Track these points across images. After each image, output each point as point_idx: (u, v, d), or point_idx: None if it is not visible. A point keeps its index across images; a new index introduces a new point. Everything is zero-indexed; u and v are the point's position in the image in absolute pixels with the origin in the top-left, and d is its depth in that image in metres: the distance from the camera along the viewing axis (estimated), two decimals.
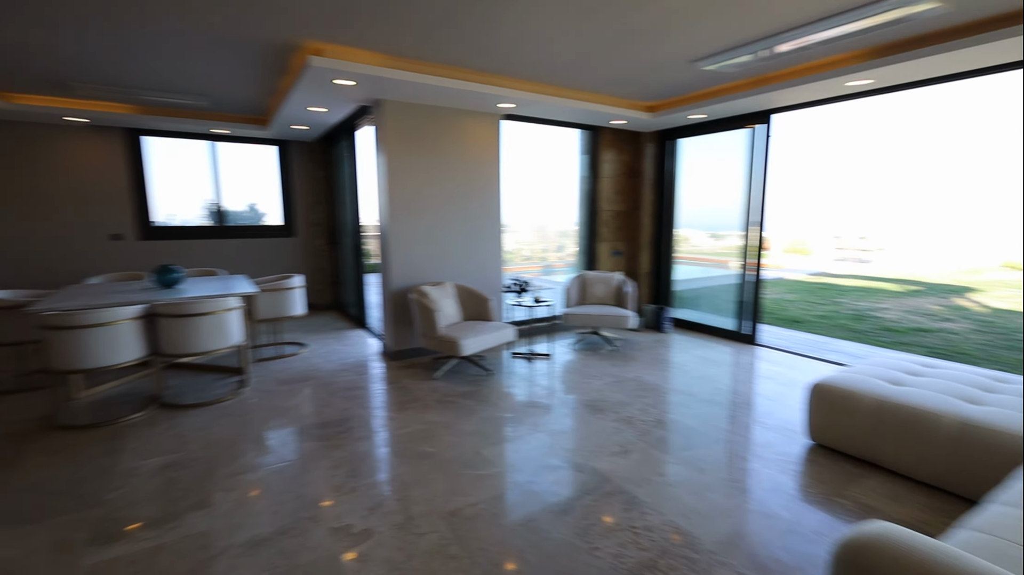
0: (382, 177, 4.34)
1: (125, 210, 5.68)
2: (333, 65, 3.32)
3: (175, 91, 4.43)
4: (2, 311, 3.53)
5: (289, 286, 4.56)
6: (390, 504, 2.29)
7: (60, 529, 2.11)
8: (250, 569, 1.87)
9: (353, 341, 5.21)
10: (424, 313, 3.96)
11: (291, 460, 2.70)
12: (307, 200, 6.71)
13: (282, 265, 6.60)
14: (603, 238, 5.94)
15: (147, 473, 2.57)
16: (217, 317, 3.42)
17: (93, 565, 1.89)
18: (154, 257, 5.82)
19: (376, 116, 4.34)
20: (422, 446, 2.87)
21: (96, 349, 3.02)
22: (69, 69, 3.79)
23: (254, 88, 4.37)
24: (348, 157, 5.72)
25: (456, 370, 4.21)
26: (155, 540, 2.03)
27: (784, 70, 3.86)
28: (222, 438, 2.96)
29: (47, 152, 5.28)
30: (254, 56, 3.50)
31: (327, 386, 3.86)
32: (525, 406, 3.49)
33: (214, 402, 3.50)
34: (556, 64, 3.71)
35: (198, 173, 6.18)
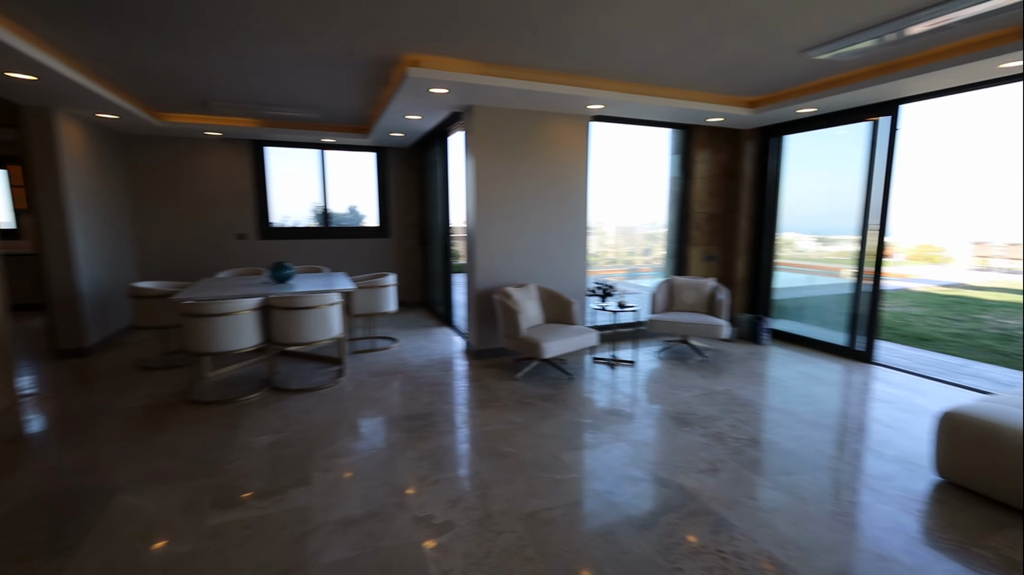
0: (470, 180, 4.48)
1: (249, 212, 6.41)
2: (428, 75, 3.48)
3: (292, 105, 4.90)
4: (152, 299, 4.13)
5: (383, 284, 4.85)
6: (470, 499, 2.34)
7: (190, 491, 2.41)
8: (341, 547, 2.01)
9: (439, 338, 5.43)
10: (507, 314, 4.02)
11: (380, 448, 2.87)
12: (401, 203, 7.10)
13: (377, 264, 7.05)
14: (695, 242, 5.64)
15: (258, 448, 2.86)
16: (321, 311, 3.73)
17: (214, 525, 2.15)
18: (270, 254, 6.50)
19: (466, 122, 4.48)
20: (502, 445, 2.91)
21: (222, 335, 3.43)
22: (209, 90, 4.35)
23: (359, 100, 4.71)
24: (439, 162, 5.97)
25: (537, 372, 4.22)
26: (263, 510, 2.26)
27: (916, 54, 3.41)
28: (321, 422, 3.22)
29: (189, 162, 6.10)
30: (360, 70, 3.77)
31: (414, 380, 4.05)
32: (606, 413, 3.40)
33: (315, 389, 3.82)
34: (649, 62, 3.58)
35: (308, 179, 6.80)
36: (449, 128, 5.35)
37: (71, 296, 4.61)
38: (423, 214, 7.09)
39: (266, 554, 1.96)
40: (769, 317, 5.43)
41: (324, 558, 1.94)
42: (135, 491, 2.41)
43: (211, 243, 6.27)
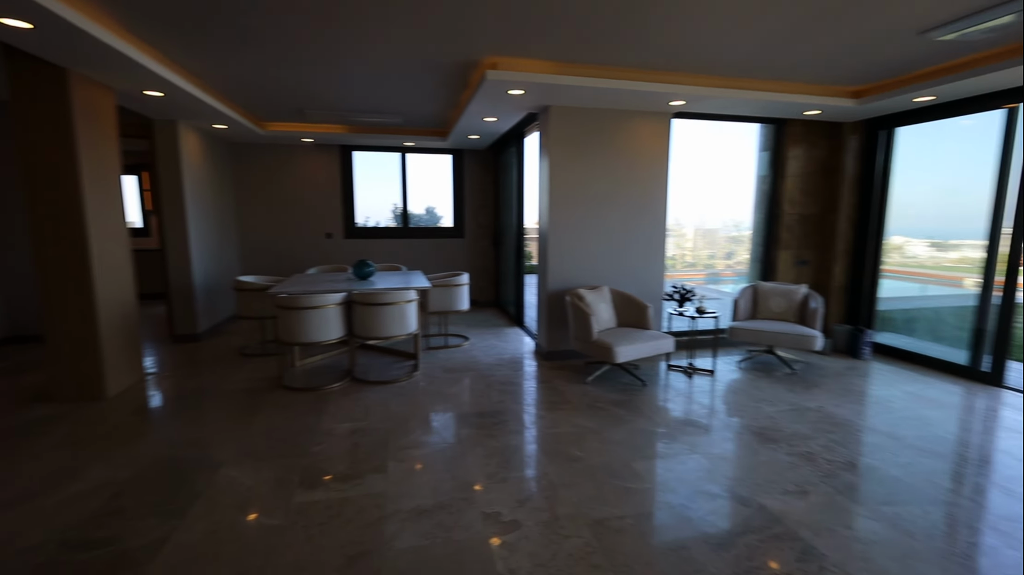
0: (545, 181, 4.47)
1: (336, 213, 6.85)
2: (506, 76, 3.52)
3: (378, 111, 5.17)
4: (252, 292, 4.54)
5: (457, 283, 4.97)
6: (538, 500, 2.33)
7: (280, 469, 2.61)
8: (413, 535, 2.08)
9: (510, 338, 5.47)
10: (579, 316, 3.97)
11: (451, 443, 2.94)
12: (475, 204, 7.25)
13: (451, 263, 7.25)
14: (785, 245, 5.24)
15: (340, 435, 3.04)
16: (399, 307, 3.90)
17: (300, 503, 2.30)
18: (354, 253, 6.90)
19: (542, 122, 4.49)
20: (571, 449, 2.87)
21: (311, 327, 3.68)
22: (306, 100, 4.70)
23: (439, 104, 4.87)
24: (514, 163, 6.03)
25: (608, 377, 4.12)
26: (344, 492, 2.39)
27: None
28: (397, 414, 3.36)
29: (286, 167, 6.63)
30: (442, 75, 3.89)
31: (485, 378, 4.11)
32: (681, 423, 3.25)
33: (392, 382, 4.00)
34: (740, 53, 3.38)
35: (389, 181, 7.15)
36: (525, 129, 5.38)
37: (187, 287, 5.18)
38: (497, 215, 7.19)
39: (346, 535, 2.07)
40: (871, 329, 4.91)
41: (398, 544, 2.02)
42: (235, 465, 2.65)
43: (302, 241, 6.77)
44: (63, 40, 2.75)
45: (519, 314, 6.09)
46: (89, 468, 2.62)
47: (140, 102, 4.18)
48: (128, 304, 3.88)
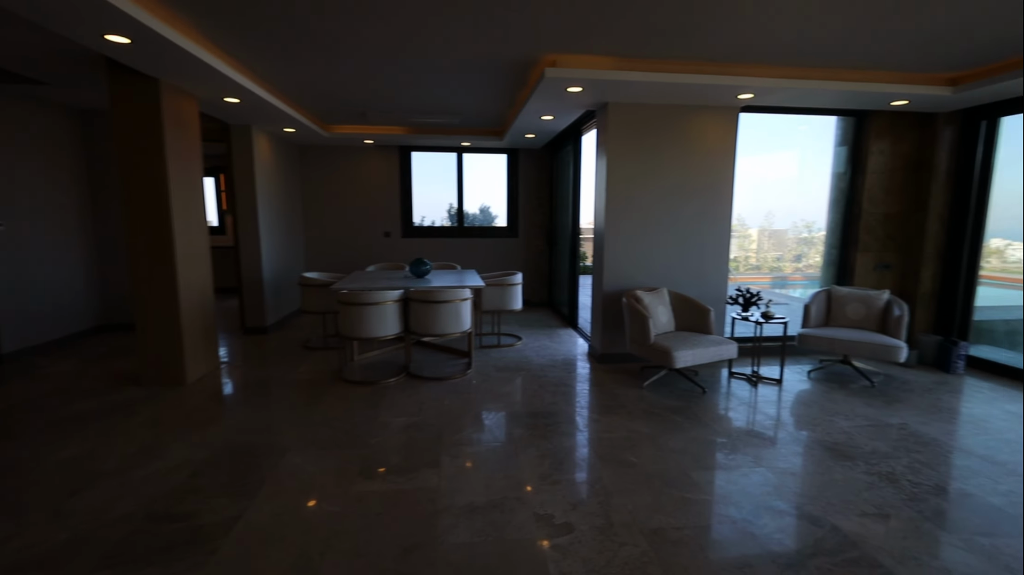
0: (601, 179, 4.38)
1: (395, 212, 7.06)
2: (565, 74, 3.48)
3: (437, 112, 5.27)
4: (315, 288, 4.75)
5: (511, 282, 4.98)
6: (591, 505, 2.28)
7: (340, 459, 2.71)
8: (466, 531, 2.08)
9: (563, 339, 5.41)
10: (636, 319, 3.86)
11: (503, 442, 2.93)
12: (530, 204, 7.24)
13: (505, 263, 7.28)
14: (864, 247, 4.85)
15: (396, 428, 3.11)
16: (454, 305, 3.95)
17: (359, 492, 2.38)
18: (411, 251, 7.08)
19: (600, 119, 4.40)
20: (625, 454, 2.78)
21: (370, 323, 3.80)
22: (368, 102, 4.86)
23: (496, 103, 4.89)
24: (570, 162, 5.96)
25: (665, 382, 3.98)
26: (399, 485, 2.44)
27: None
28: (450, 410, 3.40)
29: (348, 168, 6.91)
30: (501, 74, 3.90)
31: (537, 379, 4.09)
32: (743, 433, 3.08)
33: (446, 378, 4.06)
34: (818, 41, 3.16)
35: (445, 181, 7.28)
36: (582, 128, 5.31)
37: (257, 283, 5.51)
38: (551, 214, 7.15)
39: (401, 526, 2.11)
40: (965, 341, 4.44)
41: (451, 539, 2.03)
42: (299, 453, 2.78)
43: (362, 239, 7.03)
44: (156, 52, 2.99)
45: (572, 315, 6.01)
46: (171, 447, 2.83)
47: (219, 108, 4.48)
48: (206, 298, 4.17)
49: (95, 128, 5.28)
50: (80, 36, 2.71)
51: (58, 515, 2.19)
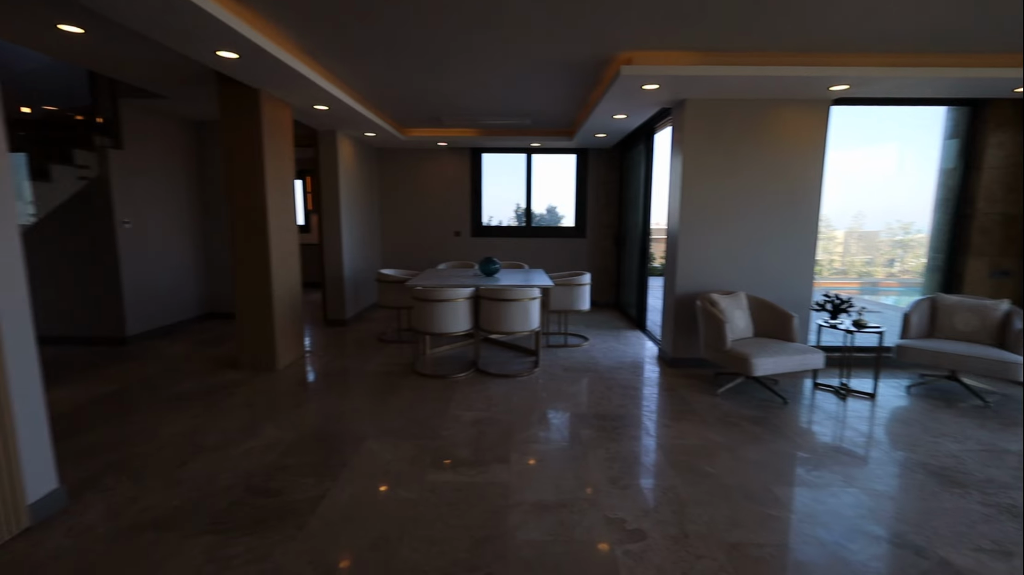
0: (675, 178, 4.25)
1: (465, 212, 7.24)
2: (641, 71, 3.40)
3: (508, 114, 5.34)
4: (391, 284, 4.97)
5: (579, 283, 4.94)
6: (664, 513, 2.22)
7: (414, 448, 2.82)
8: (536, 529, 2.10)
9: (631, 341, 5.30)
10: (711, 323, 3.70)
11: (572, 442, 2.92)
12: (599, 204, 7.15)
13: (572, 263, 7.24)
14: (978, 251, 4.35)
15: (466, 422, 3.19)
16: (523, 304, 3.98)
17: (432, 481, 2.47)
18: (479, 250, 7.23)
19: (675, 117, 4.26)
20: (700, 463, 2.68)
21: (443, 319, 3.93)
22: (443, 106, 5.02)
23: (567, 104, 4.88)
24: (642, 161, 5.82)
25: (741, 390, 3.79)
26: (470, 477, 2.51)
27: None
28: (518, 407, 3.44)
29: (422, 169, 7.17)
30: (574, 74, 3.89)
31: (604, 380, 4.03)
32: (831, 450, 2.86)
33: (513, 376, 4.10)
34: (926, 22, 2.87)
35: (513, 182, 7.36)
36: (655, 126, 5.17)
37: (338, 278, 5.86)
38: (620, 215, 7.02)
39: (472, 518, 2.17)
40: None
41: (520, 535, 2.06)
42: (376, 440, 2.92)
43: (434, 238, 7.27)
44: (258, 65, 3.27)
45: (641, 317, 5.87)
46: (263, 427, 3.08)
47: (310, 115, 4.81)
48: (295, 291, 4.49)
49: (204, 136, 5.85)
50: (196, 53, 3.02)
51: (170, 483, 2.45)
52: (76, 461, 2.63)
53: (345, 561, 1.90)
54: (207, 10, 2.42)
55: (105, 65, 3.73)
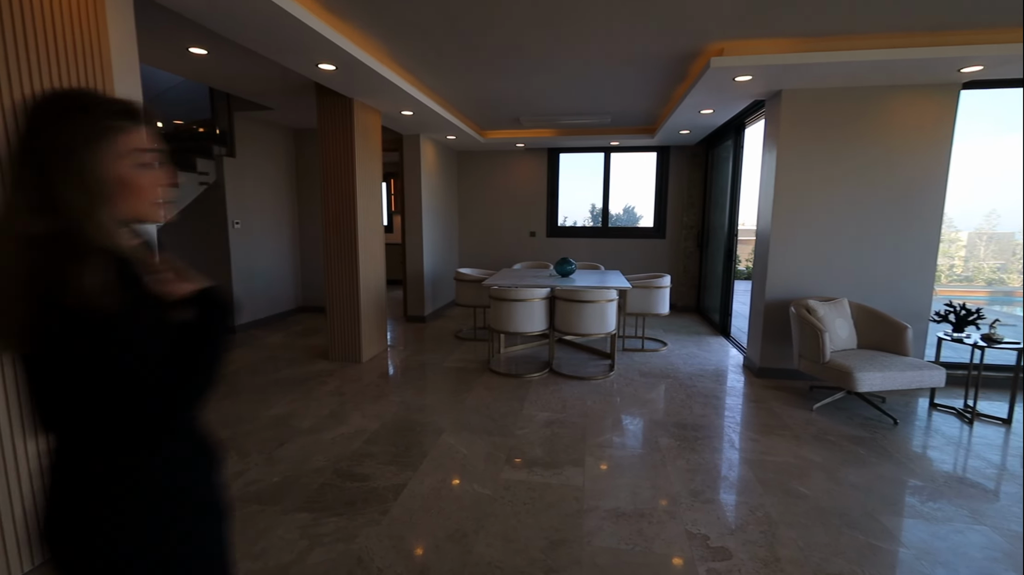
0: (769, 175, 3.96)
1: (541, 213, 7.25)
2: (733, 63, 3.21)
3: (587, 113, 5.28)
4: (468, 283, 5.10)
5: (658, 285, 4.77)
6: (752, 533, 2.07)
7: (489, 446, 2.87)
8: (612, 536, 2.05)
9: (713, 348, 5.03)
10: (807, 332, 3.41)
11: (649, 449, 2.82)
12: (680, 203, 6.86)
13: (650, 265, 7.01)
14: None
15: (539, 422, 3.19)
16: (600, 306, 3.91)
17: (507, 479, 2.49)
18: (554, 250, 7.21)
19: (769, 110, 3.98)
20: (792, 482, 2.48)
21: (519, 318, 3.96)
22: (522, 108, 5.06)
23: (649, 101, 4.73)
24: (729, 157, 5.50)
25: (841, 406, 3.45)
26: (545, 478, 2.50)
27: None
28: (593, 411, 3.38)
29: (499, 171, 7.28)
30: (659, 70, 3.76)
31: (684, 387, 3.85)
32: (952, 480, 2.53)
33: (588, 378, 4.04)
34: None
35: (589, 181, 7.26)
36: (745, 120, 4.86)
37: (419, 276, 6.10)
38: (703, 215, 6.68)
39: (547, 519, 2.16)
40: None
41: (596, 541, 2.02)
42: (453, 434, 3.01)
43: (509, 238, 7.35)
44: (353, 75, 3.48)
45: (724, 323, 5.55)
46: (351, 415, 3.28)
47: (395, 120, 5.05)
48: (380, 288, 4.74)
49: (301, 143, 6.35)
50: (300, 66, 3.28)
51: (271, 461, 2.68)
52: None
53: (425, 549, 1.97)
54: (312, 27, 2.62)
55: (223, 82, 4.16)
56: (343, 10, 2.73)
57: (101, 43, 2.03)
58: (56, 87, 1.42)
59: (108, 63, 2.05)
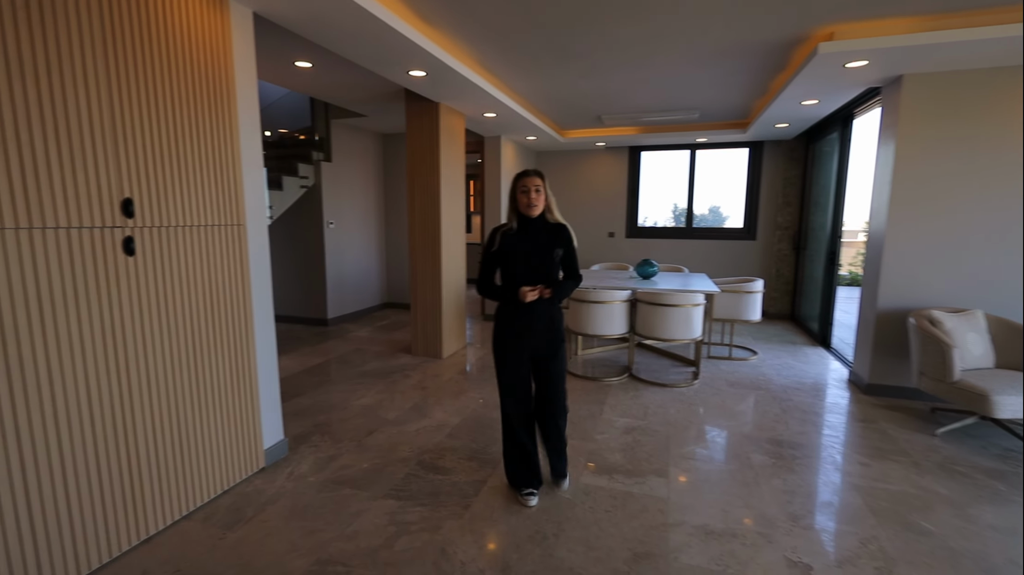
0: (885, 170, 3.57)
1: (620, 213, 7.08)
2: (845, 47, 2.92)
3: (674, 109, 5.06)
4: None
5: (749, 290, 4.47)
6: (864, 569, 1.86)
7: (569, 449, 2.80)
8: (701, 555, 1.94)
9: (810, 359, 4.62)
10: (931, 347, 3.02)
11: (739, 465, 2.64)
12: (774, 202, 6.38)
13: (738, 267, 6.59)
14: None
15: (619, 428, 3.10)
16: (685, 310, 3.73)
17: (587, 484, 2.44)
18: (633, 251, 7.00)
19: (886, 97, 3.58)
20: (913, 515, 2.20)
21: (599, 321, 3.88)
22: (604, 106, 4.96)
23: (742, 93, 4.43)
24: (834, 152, 5.02)
25: (972, 433, 3.02)
26: (628, 487, 2.42)
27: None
28: (677, 420, 3.23)
29: (579, 170, 7.19)
30: (756, 60, 3.51)
31: (778, 401, 3.57)
32: None
33: (670, 385, 3.87)
34: None
35: (672, 180, 6.96)
36: (854, 110, 4.41)
37: None
38: (801, 214, 6.17)
39: (630, 530, 2.09)
40: None
41: (683, 558, 1.92)
42: None
43: (587, 239, 7.24)
44: (441, 80, 3.59)
45: (824, 332, 5.08)
46: (432, 409, 3.38)
47: (478, 123, 5.16)
48: (460, 286, 4.86)
49: (388, 147, 6.68)
50: (392, 74, 3.44)
51: (361, 448, 2.83)
52: (293, 419, 3.20)
53: (506, 547, 1.98)
54: (407, 35, 2.73)
55: (322, 92, 4.47)
56: (433, 17, 2.82)
57: (227, 60, 2.25)
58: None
59: (232, 78, 2.27)
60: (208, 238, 2.20)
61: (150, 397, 1.98)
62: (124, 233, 1.84)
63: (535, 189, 2.24)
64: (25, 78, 1.54)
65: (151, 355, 1.97)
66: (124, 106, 1.82)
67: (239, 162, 2.34)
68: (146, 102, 1.90)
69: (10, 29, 1.50)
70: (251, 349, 2.45)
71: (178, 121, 2.03)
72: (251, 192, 2.44)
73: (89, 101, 1.71)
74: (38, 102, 1.58)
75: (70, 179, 1.67)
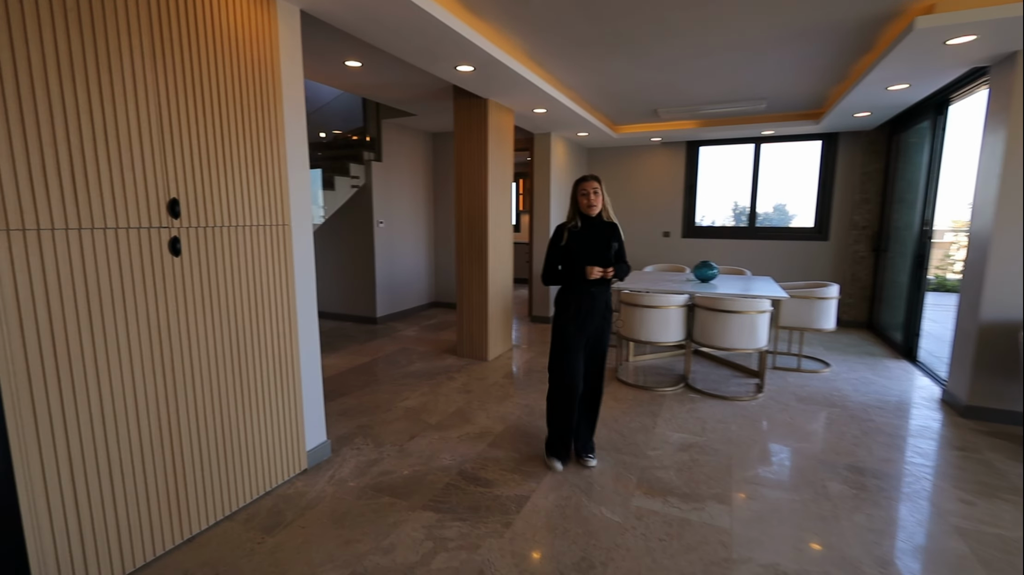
0: (992, 162, 3.11)
1: (676, 212, 6.72)
2: (949, 20, 2.54)
3: (737, 100, 4.70)
4: None
5: (822, 296, 4.07)
6: None
7: (618, 464, 2.64)
8: None
9: (892, 374, 4.15)
10: None
11: (814, 494, 2.35)
12: (851, 199, 5.83)
13: (807, 271, 6.09)
14: None
15: (675, 444, 2.87)
16: (749, 317, 3.43)
17: (638, 507, 2.25)
18: (690, 252, 6.62)
19: (995, 79, 3.12)
20: None
21: (653, 326, 3.64)
22: (658, 99, 4.68)
23: (817, 80, 4.03)
24: (924, 143, 4.49)
25: None
26: (684, 513, 2.21)
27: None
28: (739, 438, 2.95)
29: (633, 167, 6.89)
30: (835, 41, 3.15)
31: (857, 421, 3.20)
32: None
33: (732, 398, 3.58)
34: None
35: (733, 177, 6.52)
36: (951, 95, 3.91)
37: None
38: (882, 212, 5.60)
39: (687, 563, 1.88)
40: None
41: None
42: None
43: (641, 239, 6.93)
44: (489, 74, 3.48)
45: (910, 344, 4.56)
46: (476, 414, 3.28)
47: (527, 119, 5.01)
48: (507, 287, 4.74)
49: (437, 146, 6.67)
50: (440, 70, 3.36)
51: (402, 453, 2.76)
52: (338, 419, 3.19)
53: (550, 572, 1.83)
54: (454, 28, 2.63)
55: (373, 91, 4.48)
56: (482, 9, 2.70)
57: (273, 59, 2.23)
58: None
59: (278, 78, 2.25)
60: (253, 238, 2.18)
61: (195, 396, 1.98)
62: (170, 233, 1.85)
63: (593, 191, 2.59)
64: (76, 80, 1.55)
65: (196, 354, 1.97)
66: (171, 107, 1.82)
67: (284, 162, 2.32)
68: (193, 103, 1.89)
69: (61, 32, 1.51)
70: (295, 349, 2.43)
71: (224, 121, 2.02)
72: (296, 192, 2.42)
73: (137, 103, 1.72)
74: (88, 104, 1.59)
75: (118, 180, 1.68)
